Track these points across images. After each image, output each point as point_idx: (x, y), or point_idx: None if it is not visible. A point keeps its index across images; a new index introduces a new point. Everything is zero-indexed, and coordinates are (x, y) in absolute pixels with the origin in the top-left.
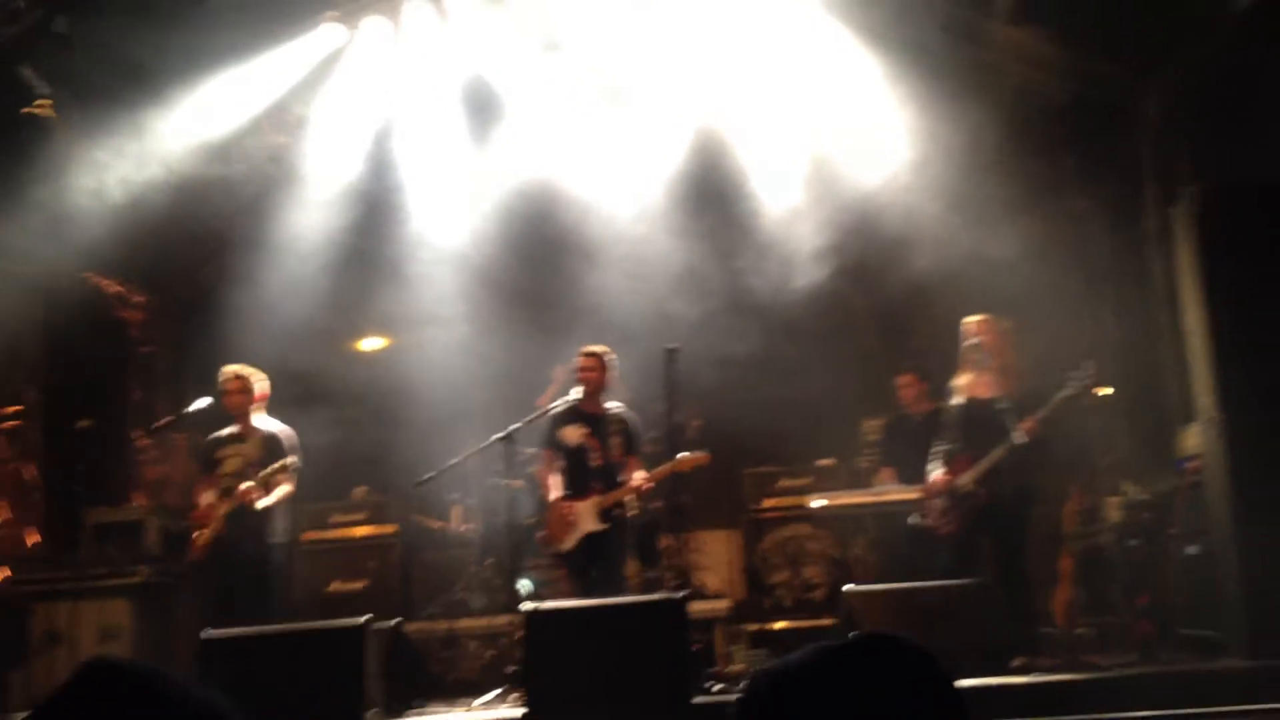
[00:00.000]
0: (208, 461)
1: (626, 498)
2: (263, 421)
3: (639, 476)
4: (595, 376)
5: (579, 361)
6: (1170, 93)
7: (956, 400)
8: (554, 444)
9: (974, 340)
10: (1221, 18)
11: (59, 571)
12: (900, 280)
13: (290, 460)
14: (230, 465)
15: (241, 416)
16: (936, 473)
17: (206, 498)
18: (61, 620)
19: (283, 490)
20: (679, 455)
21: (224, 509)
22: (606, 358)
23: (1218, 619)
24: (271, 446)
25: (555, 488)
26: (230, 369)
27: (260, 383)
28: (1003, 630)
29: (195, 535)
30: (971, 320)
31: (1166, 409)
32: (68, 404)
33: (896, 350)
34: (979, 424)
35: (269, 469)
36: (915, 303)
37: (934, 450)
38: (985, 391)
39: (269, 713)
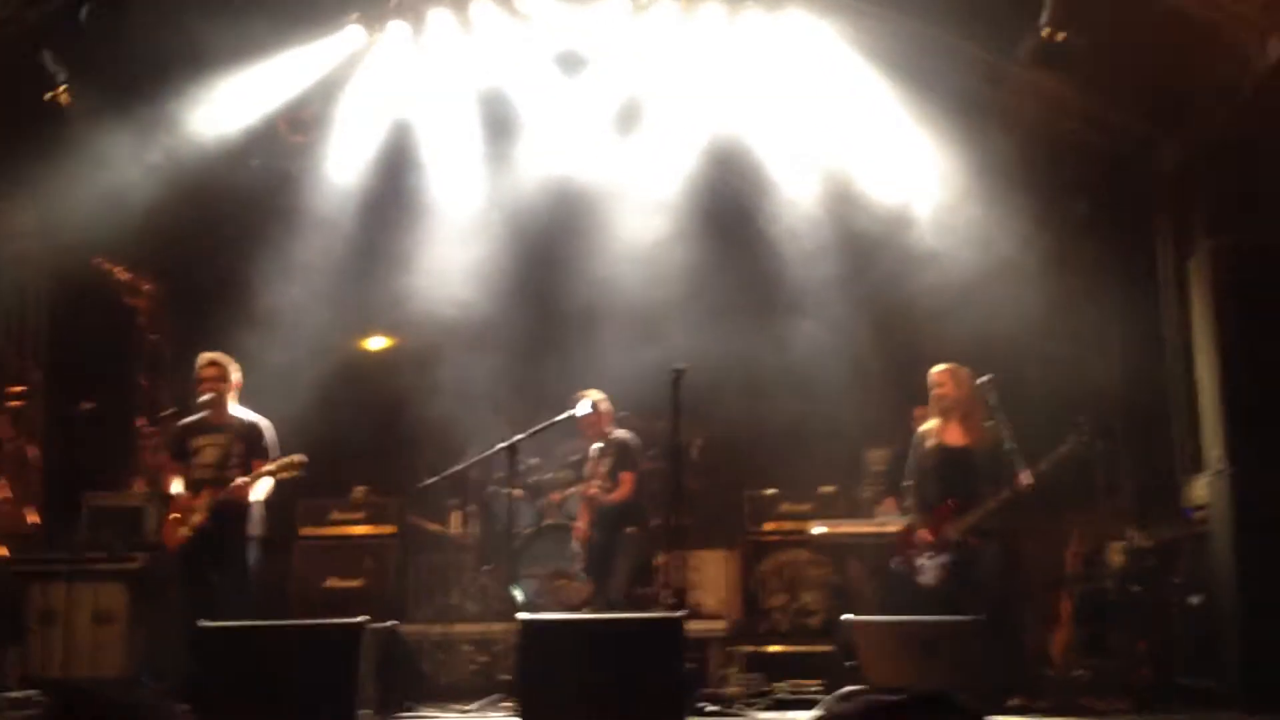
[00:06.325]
0: (180, 449)
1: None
2: (238, 411)
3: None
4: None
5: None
6: (1187, 148)
7: (928, 444)
8: None
9: (937, 390)
10: (1241, 77)
11: (56, 553)
12: (907, 312)
13: (301, 458)
14: (207, 455)
15: (216, 404)
16: (919, 525)
17: (177, 486)
18: (57, 601)
19: (270, 485)
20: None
21: (208, 500)
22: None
23: (1217, 670)
24: (252, 437)
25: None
26: (206, 355)
27: (236, 371)
28: (999, 668)
29: (171, 522)
30: (935, 370)
31: (1174, 457)
32: (72, 387)
33: (901, 383)
34: (958, 472)
35: (279, 464)
36: (922, 337)
37: (904, 487)
38: (956, 440)
39: (262, 707)
